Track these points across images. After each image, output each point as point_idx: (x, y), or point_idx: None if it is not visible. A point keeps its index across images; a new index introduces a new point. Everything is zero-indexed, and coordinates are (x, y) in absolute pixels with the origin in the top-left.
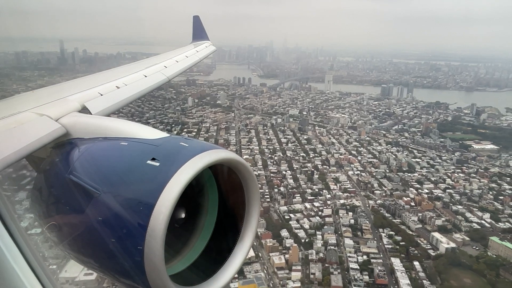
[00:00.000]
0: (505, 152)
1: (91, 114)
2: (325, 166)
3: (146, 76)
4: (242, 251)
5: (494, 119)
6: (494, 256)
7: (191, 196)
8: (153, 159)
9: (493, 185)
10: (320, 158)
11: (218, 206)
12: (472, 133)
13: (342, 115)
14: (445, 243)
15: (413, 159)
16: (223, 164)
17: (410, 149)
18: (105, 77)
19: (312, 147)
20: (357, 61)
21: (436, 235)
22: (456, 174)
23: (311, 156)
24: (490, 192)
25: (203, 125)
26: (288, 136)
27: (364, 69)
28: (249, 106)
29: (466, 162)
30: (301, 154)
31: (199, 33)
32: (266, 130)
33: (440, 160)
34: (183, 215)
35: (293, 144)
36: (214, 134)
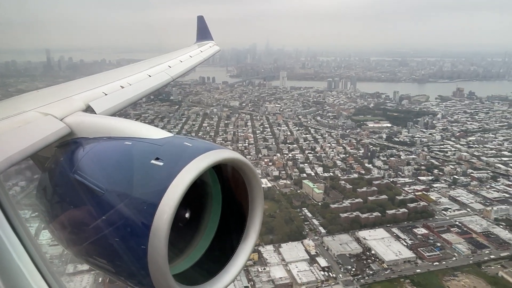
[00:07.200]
0: (389, 129)
1: (96, 113)
2: (222, 142)
3: (150, 76)
4: (246, 250)
5: (413, 104)
6: (299, 192)
7: (194, 195)
8: (157, 158)
9: (353, 150)
10: (223, 136)
11: (221, 206)
12: (382, 116)
13: (276, 105)
14: (263, 184)
15: (303, 135)
16: (227, 164)
17: (310, 128)
18: (109, 77)
19: (224, 129)
20: (335, 60)
21: (263, 180)
22: (328, 144)
23: (219, 135)
24: (341, 155)
25: (143, 115)
26: (211, 122)
27: (333, 67)
28: (197, 100)
29: (348, 136)
30: (211, 134)
31: (203, 33)
32: (197, 118)
33: (327, 136)
34: (186, 215)
35: (211, 127)
36: (148, 122)
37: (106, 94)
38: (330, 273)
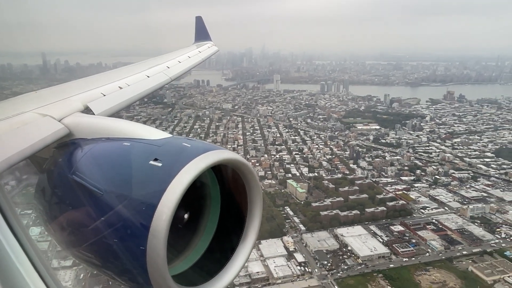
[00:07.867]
0: (377, 131)
1: (94, 114)
2: (212, 143)
3: (148, 77)
4: (245, 251)
5: (403, 107)
6: (283, 191)
7: (193, 196)
8: (156, 159)
9: (339, 151)
10: (213, 137)
11: (220, 207)
12: (372, 118)
13: (268, 107)
14: None
15: (292, 137)
16: (226, 164)
17: (299, 130)
18: (107, 78)
19: (215, 130)
20: (330, 63)
21: None
22: (316, 146)
23: (209, 137)
24: (328, 156)
25: (136, 117)
26: (203, 124)
27: (328, 70)
28: (190, 103)
29: (336, 138)
30: (201, 135)
31: (201, 33)
32: (189, 120)
33: (315, 137)
34: (185, 215)
35: (202, 129)
36: (140, 123)
37: (104, 95)
38: (306, 268)
